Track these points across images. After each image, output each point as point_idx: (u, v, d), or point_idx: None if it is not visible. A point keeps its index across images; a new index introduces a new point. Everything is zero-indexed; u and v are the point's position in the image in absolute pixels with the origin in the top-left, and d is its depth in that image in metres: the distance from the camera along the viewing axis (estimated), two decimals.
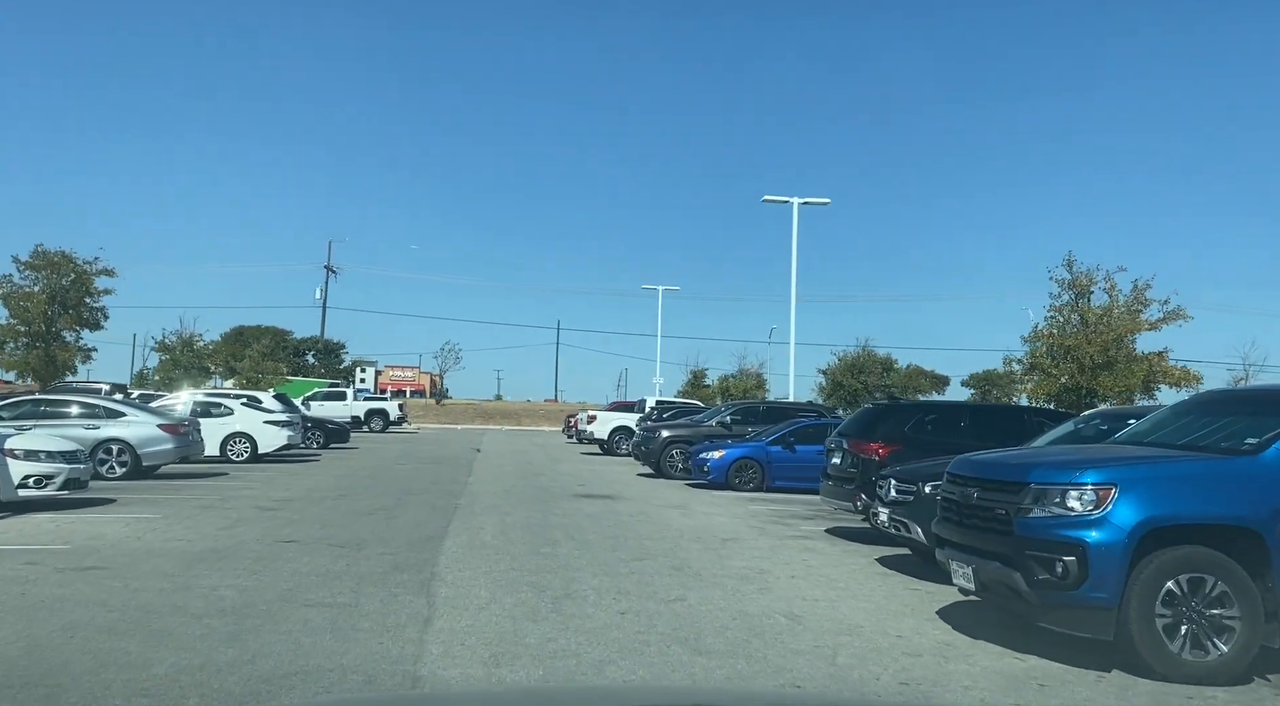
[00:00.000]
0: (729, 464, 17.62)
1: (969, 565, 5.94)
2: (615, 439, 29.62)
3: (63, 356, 31.30)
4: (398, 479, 17.81)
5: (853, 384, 34.20)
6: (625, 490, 17.06)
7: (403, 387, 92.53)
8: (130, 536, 9.58)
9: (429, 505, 13.33)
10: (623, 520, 12.27)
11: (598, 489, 17.11)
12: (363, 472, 19.29)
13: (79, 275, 30.92)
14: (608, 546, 9.90)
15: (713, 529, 11.74)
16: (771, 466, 17.66)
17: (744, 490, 17.44)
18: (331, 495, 14.43)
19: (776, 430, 18.49)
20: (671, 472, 19.89)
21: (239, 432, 21.15)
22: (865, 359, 35.20)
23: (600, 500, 14.89)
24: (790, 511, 14.35)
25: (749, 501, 15.72)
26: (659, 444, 20.00)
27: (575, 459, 26.95)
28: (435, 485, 16.66)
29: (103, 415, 16.09)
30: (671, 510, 13.82)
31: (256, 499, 13.50)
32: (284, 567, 8.06)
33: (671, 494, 16.62)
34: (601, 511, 13.23)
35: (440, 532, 10.53)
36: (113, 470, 15.89)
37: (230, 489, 14.94)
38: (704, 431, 20.22)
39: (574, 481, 18.64)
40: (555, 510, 13.18)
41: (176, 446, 16.45)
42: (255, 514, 11.73)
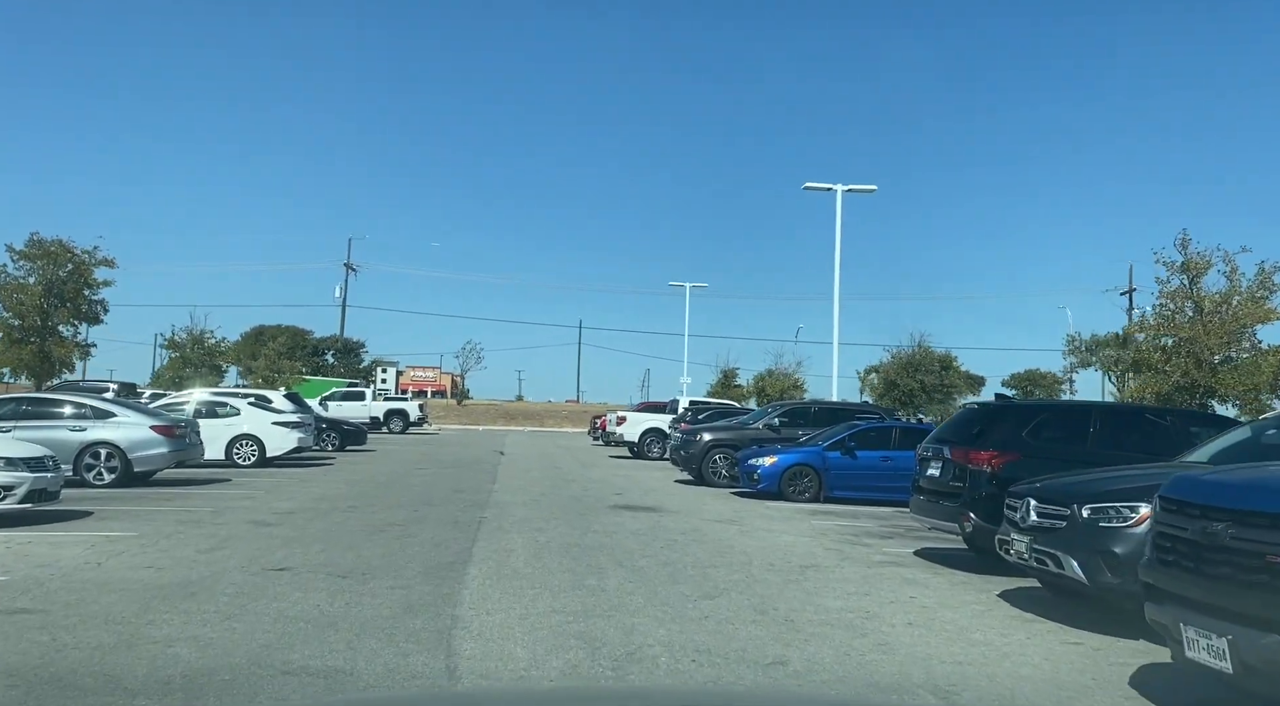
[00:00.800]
0: (782, 471, 15.82)
1: (1221, 635, 4.13)
2: (646, 441, 27.87)
3: (58, 352, 29.63)
4: (416, 486, 16.15)
5: (908, 383, 32.05)
6: (667, 500, 15.30)
7: (424, 388, 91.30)
8: (89, 563, 7.93)
9: (450, 519, 11.64)
10: (674, 540, 10.51)
11: (636, 498, 15.37)
12: (378, 478, 17.66)
13: (77, 266, 29.24)
14: (666, 576, 8.14)
15: (783, 551, 9.95)
16: (829, 474, 15.84)
17: (799, 500, 15.63)
18: (341, 506, 12.77)
19: (833, 433, 16.67)
20: (714, 480, 18.12)
21: (245, 435, 19.59)
22: (921, 356, 33.06)
23: (643, 513, 13.14)
24: (861, 528, 12.53)
25: (809, 515, 13.90)
26: (700, 448, 18.23)
27: (605, 463, 25.23)
28: (457, 494, 14.98)
29: (90, 416, 14.53)
30: (726, 526, 12.04)
31: (254, 511, 11.86)
32: (266, 609, 6.37)
33: (720, 505, 14.84)
34: (647, 528, 11.48)
35: (463, 556, 8.83)
36: (100, 476, 14.33)
37: (227, 498, 13.31)
38: (750, 434, 18.43)
39: (608, 489, 16.91)
40: (594, 525, 11.45)
41: (171, 450, 14.87)
42: (248, 531, 10.07)
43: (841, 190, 28.13)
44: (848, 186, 28.16)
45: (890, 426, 16.84)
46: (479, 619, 6.30)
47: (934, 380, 32.25)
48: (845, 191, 28.17)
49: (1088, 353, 68.86)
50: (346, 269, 64.52)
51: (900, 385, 31.52)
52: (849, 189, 28.19)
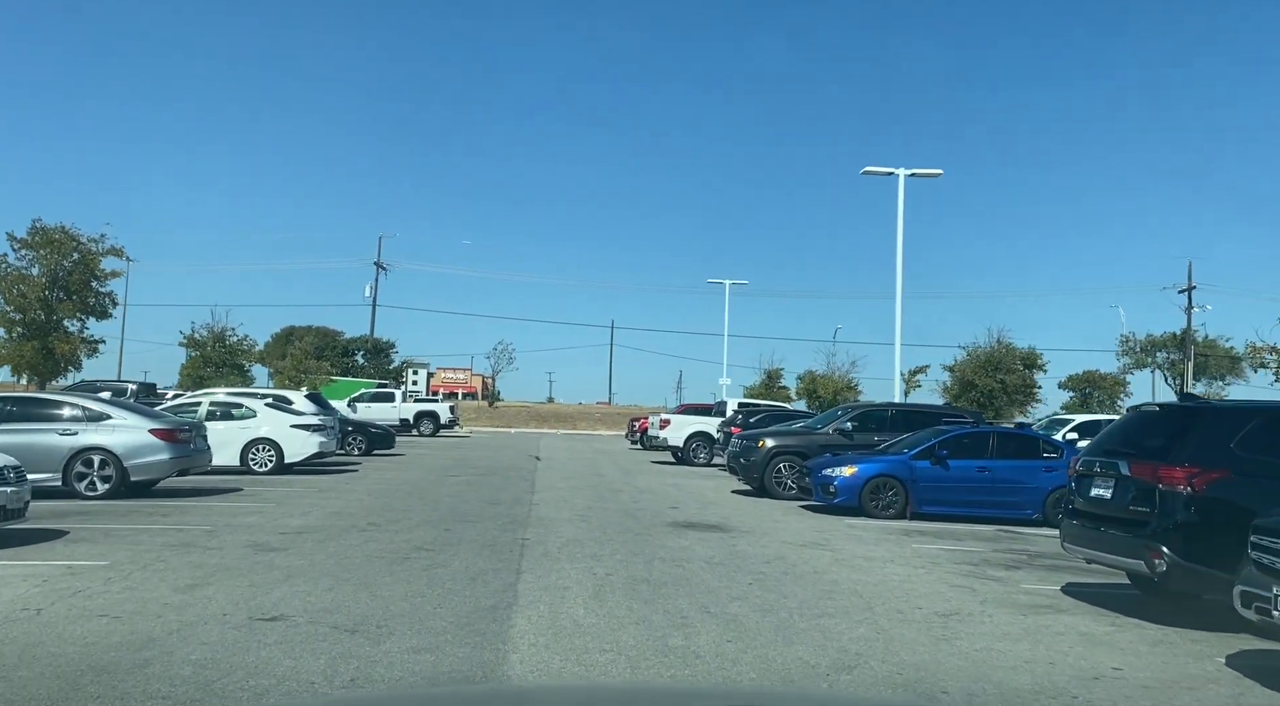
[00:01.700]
0: (863, 483, 13.81)
1: None
2: (692, 446, 25.93)
3: (62, 349, 27.74)
4: (447, 497, 14.36)
5: (988, 383, 29.57)
6: (732, 516, 13.36)
7: (454, 390, 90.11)
8: (25, 609, 6.17)
9: (487, 542, 9.81)
10: (761, 572, 8.58)
11: (696, 513, 13.46)
12: (405, 488, 15.90)
13: (83, 255, 27.28)
14: (772, 631, 6.23)
15: (901, 590, 7.99)
16: (917, 486, 13.82)
17: (882, 516, 13.63)
18: (360, 523, 11.00)
19: (919, 440, 14.63)
20: (778, 491, 16.15)
21: (262, 439, 17.94)
22: (1002, 353, 30.53)
23: (711, 534, 11.23)
24: (974, 553, 10.52)
25: (902, 535, 11.91)
26: (763, 456, 16.28)
27: (649, 470, 23.32)
28: (493, 507, 13.17)
29: (82, 418, 12.90)
30: (815, 552, 10.08)
31: (258, 530, 10.11)
32: (239, 689, 4.56)
33: (795, 523, 12.88)
34: (723, 554, 9.56)
35: (506, 597, 6.98)
36: (93, 487, 12.69)
37: (232, 513, 11.59)
38: (818, 440, 16.44)
39: (662, 501, 15.01)
40: (658, 551, 9.55)
41: (173, 456, 13.20)
42: (245, 559, 8.30)
43: (904, 174, 26.01)
44: (911, 170, 26.05)
45: (986, 431, 14.79)
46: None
47: (1016, 379, 29.71)
48: (908, 176, 26.06)
49: (1143, 353, 65.86)
50: (377, 268, 63.16)
51: (979, 385, 29.11)
52: (912, 173, 26.07)
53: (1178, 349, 65.16)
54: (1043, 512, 13.81)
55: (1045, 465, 14.08)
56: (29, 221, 25.26)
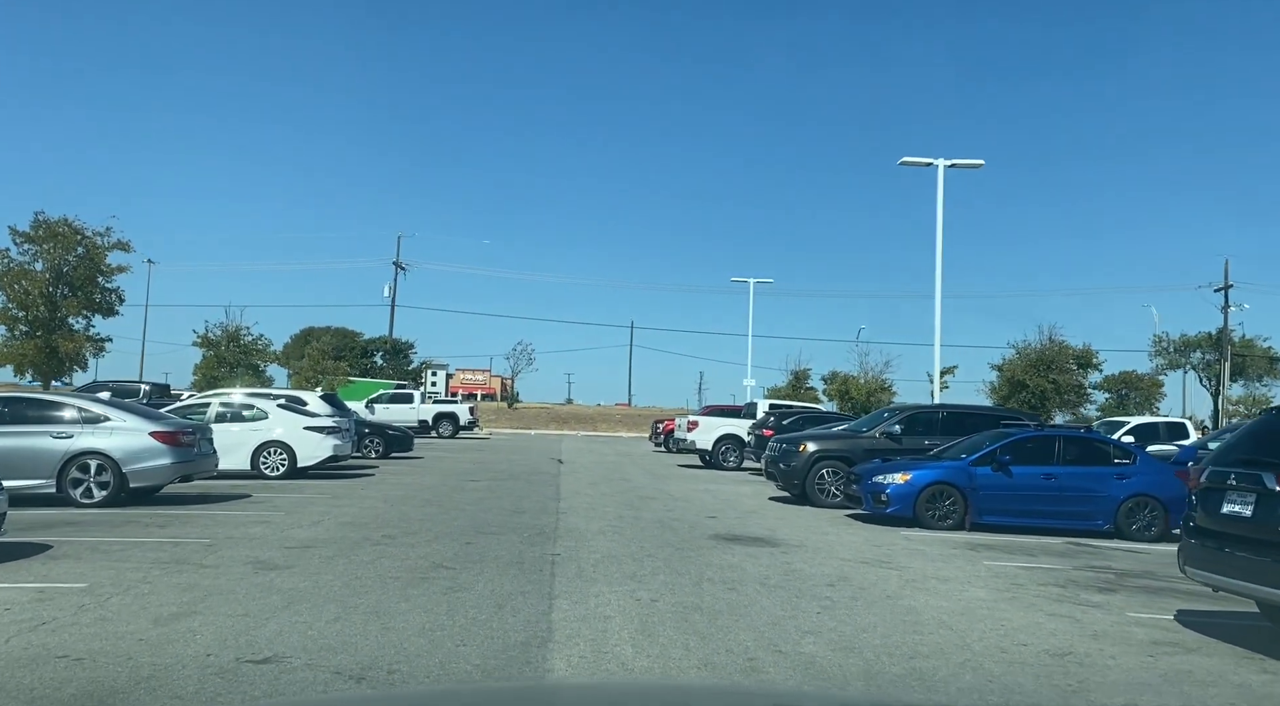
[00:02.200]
0: (919, 491, 12.73)
1: None
2: (721, 449, 24.89)
3: (66, 347, 26.54)
4: (467, 505, 13.40)
5: (1040, 383, 28.19)
6: (777, 527, 12.31)
7: (473, 391, 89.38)
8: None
9: (513, 557, 8.81)
10: (827, 597, 7.53)
11: (736, 523, 12.42)
12: (424, 494, 14.95)
13: (88, 249, 26.04)
14: (859, 677, 5.20)
15: (993, 621, 6.91)
16: (977, 495, 12.72)
17: (939, 528, 12.55)
18: (374, 535, 10.04)
19: (977, 444, 13.53)
20: (821, 498, 15.08)
21: (274, 441, 17.06)
22: (1054, 352, 29.09)
23: (758, 548, 10.19)
24: (1055, 572, 9.42)
25: (968, 549, 10.82)
26: (804, 461, 15.20)
27: (678, 474, 22.30)
28: (517, 516, 12.19)
29: (78, 420, 12.03)
30: (880, 571, 9.02)
31: (262, 544, 9.16)
32: None
33: (848, 535, 11.81)
34: (777, 574, 8.51)
35: (538, 632, 5.97)
36: (89, 494, 11.81)
37: (235, 523, 10.67)
38: (863, 444, 15.36)
39: (697, 510, 13.99)
40: (705, 570, 8.52)
41: (176, 461, 12.31)
42: (242, 580, 7.35)
43: (943, 165, 24.84)
44: (950, 161, 24.87)
45: (1052, 435, 13.64)
46: None
47: (1070, 379, 28.29)
48: (948, 167, 24.89)
49: (1177, 354, 63.98)
50: (396, 268, 62.46)
51: (1030, 385, 27.74)
52: (952, 164, 24.89)
53: (1214, 349, 63.26)
54: (1114, 523, 12.70)
55: (1116, 472, 12.95)
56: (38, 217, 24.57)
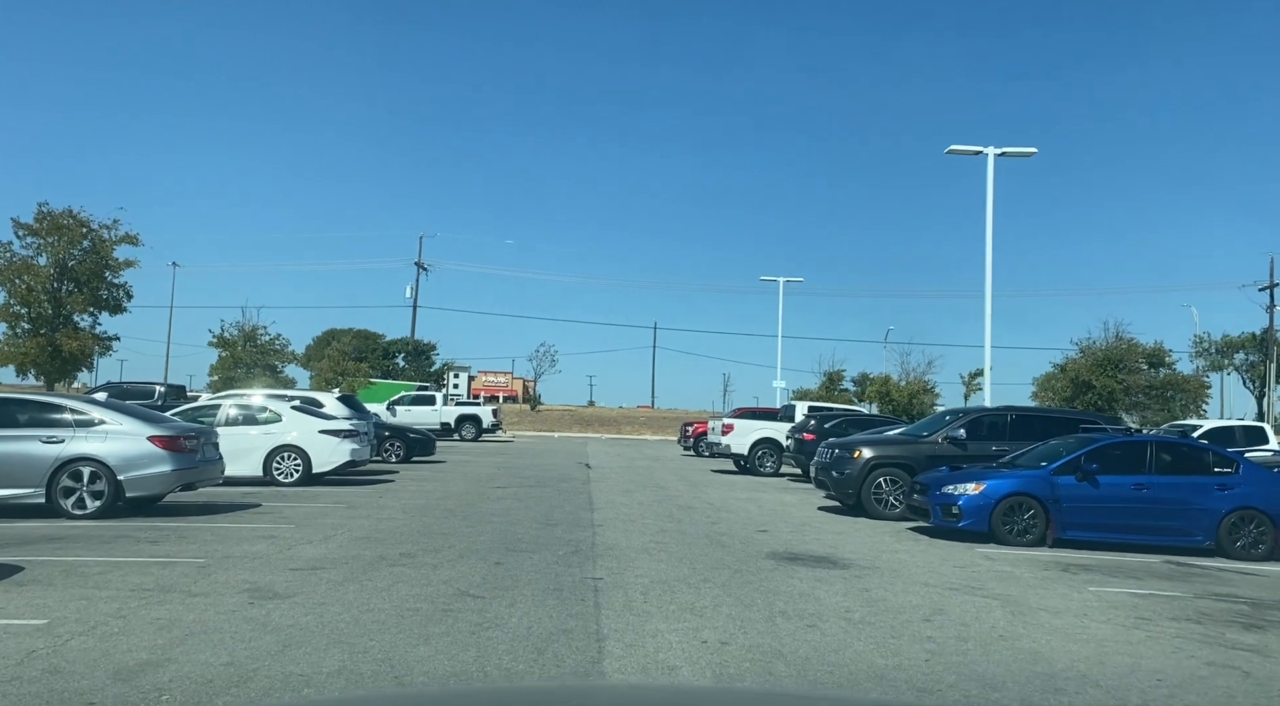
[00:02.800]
0: (994, 503, 11.44)
1: None
2: (758, 454, 23.61)
3: (70, 346, 25.14)
4: (494, 516, 12.26)
5: (1108, 384, 26.53)
6: (839, 543, 11.06)
7: (495, 393, 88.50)
8: None
9: (549, 583, 7.64)
10: (928, 636, 6.29)
11: (793, 539, 11.19)
12: (446, 503, 13.84)
13: (95, 243, 24.62)
14: None
15: (1144, 669, 5.65)
16: (1060, 507, 11.41)
17: (1017, 543, 11.26)
18: (391, 554, 8.91)
19: (1056, 450, 12.22)
20: (879, 509, 13.80)
21: (287, 446, 16.02)
22: (1124, 351, 27.33)
23: (825, 569, 8.95)
24: (1180, 601, 8.11)
25: (1062, 571, 9.52)
26: (860, 468, 13.93)
27: (714, 481, 21.07)
28: (549, 529, 11.03)
29: (70, 423, 11.00)
30: (977, 600, 7.75)
31: (263, 566, 8.05)
32: None
33: (918, 552, 10.55)
34: (858, 604, 7.28)
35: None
36: (81, 504, 10.77)
37: (238, 538, 9.57)
38: (924, 450, 14.06)
39: (745, 522, 12.77)
40: (773, 599, 7.31)
41: (176, 468, 11.24)
42: (233, 613, 6.21)
43: (993, 153, 23.45)
44: (1001, 149, 23.48)
45: (1142, 441, 12.30)
46: None
47: (1139, 380, 26.59)
48: (998, 155, 23.50)
49: (1219, 355, 61.70)
50: (418, 268, 61.66)
51: (1097, 386, 26.11)
52: (1002, 152, 23.49)
53: (1257, 350, 61.00)
54: (1215, 539, 11.35)
55: (1217, 482, 11.60)
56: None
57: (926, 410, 32.93)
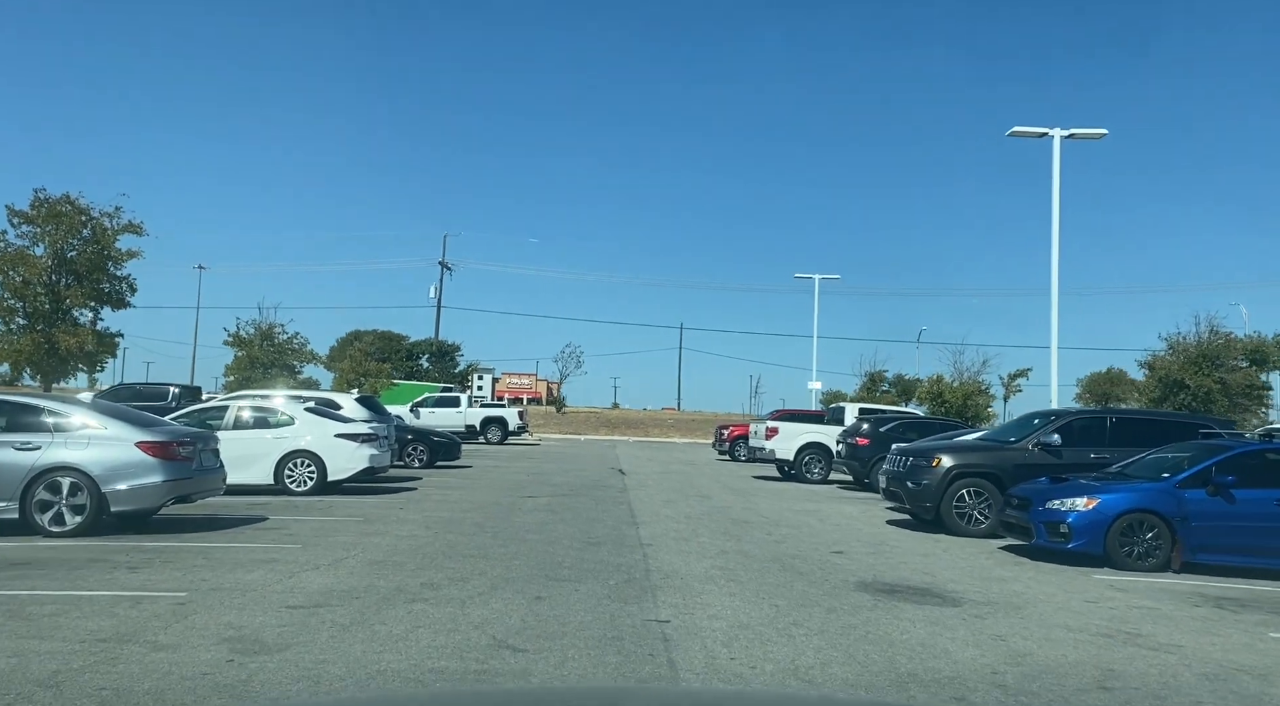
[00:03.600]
0: (1109, 520, 9.82)
1: None
2: (804, 459, 22.01)
3: (67, 343, 23.37)
4: (528, 533, 10.79)
5: (1204, 383, 24.52)
6: (934, 569, 9.47)
7: (519, 395, 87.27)
8: None
9: (605, 632, 6.14)
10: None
11: (878, 563, 9.62)
12: (473, 515, 12.40)
13: (95, 232, 22.93)
14: None
15: None
16: (1189, 526, 9.77)
17: (1140, 568, 9.64)
18: (410, 584, 7.46)
19: (1176, 460, 10.56)
20: (962, 525, 12.20)
21: (301, 451, 14.66)
22: (1221, 346, 25.24)
23: (938, 608, 7.38)
24: None
25: (1215, 607, 7.90)
26: (939, 478, 12.32)
27: (761, 490, 19.53)
28: (593, 550, 9.54)
29: (47, 428, 9.65)
30: (1148, 655, 6.16)
31: (254, 604, 6.61)
32: None
33: (1032, 582, 8.94)
34: (1003, 662, 5.72)
35: None
36: (60, 520, 9.42)
37: (233, 563, 8.14)
38: (1012, 458, 12.43)
39: (813, 540, 11.22)
40: (895, 655, 5.77)
41: (169, 479, 9.85)
42: (197, 682, 4.75)
43: (1060, 135, 21.74)
44: (1068, 131, 21.75)
45: None
46: None
47: (1240, 378, 24.52)
48: (1065, 137, 21.78)
49: None
50: (442, 267, 60.62)
51: (1191, 385, 24.12)
52: (1069, 134, 21.77)
53: None
54: None
55: None
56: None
57: (981, 412, 31.18)
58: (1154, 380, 24.84)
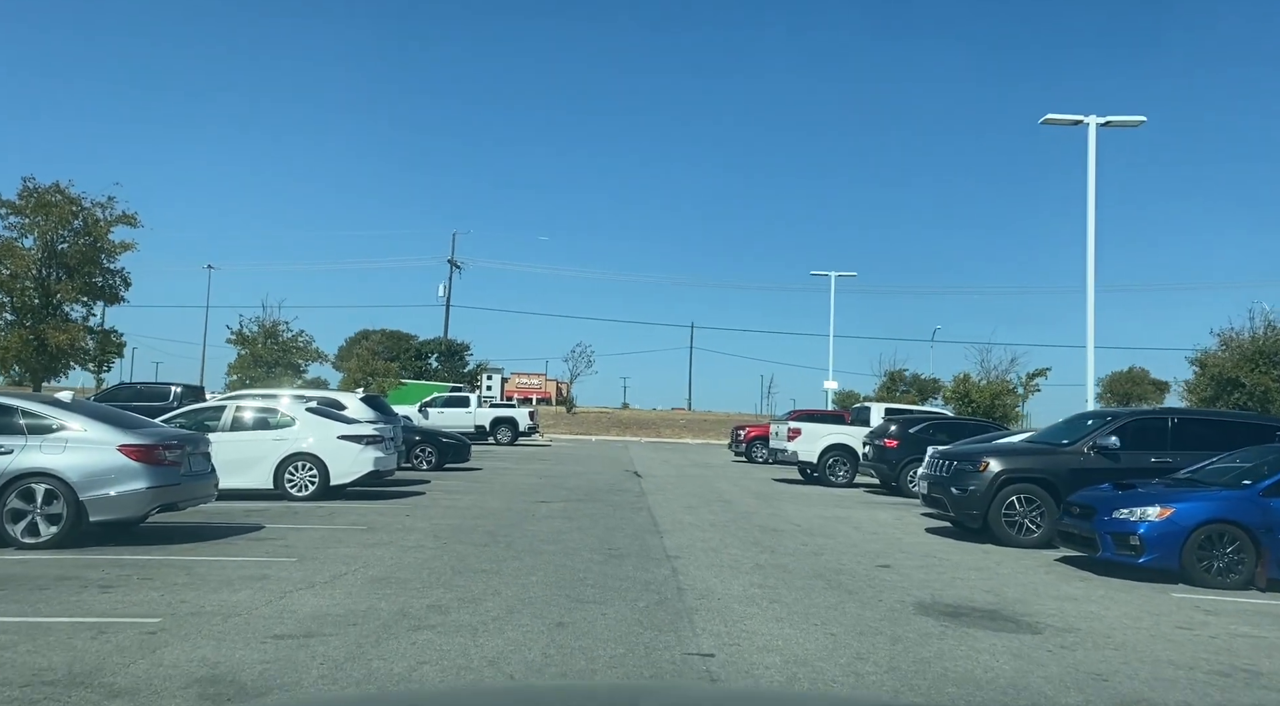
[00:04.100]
0: (1186, 532, 8.89)
1: None
2: (828, 462, 21.10)
3: (57, 339, 22.15)
4: (543, 544, 9.94)
5: (1261, 381, 23.35)
6: (994, 588, 8.57)
7: (529, 395, 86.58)
8: None
9: (639, 664, 5.28)
10: None
11: (929, 579, 8.73)
12: (484, 524, 11.56)
13: (87, 223, 21.85)
14: None
15: None
16: (1276, 538, 8.84)
17: (1221, 585, 8.72)
18: (414, 607, 6.60)
19: (1258, 464, 9.63)
20: (1010, 533, 11.28)
21: (302, 454, 13.84)
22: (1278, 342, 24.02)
23: (1014, 635, 6.48)
24: None
25: None
26: (986, 483, 11.41)
27: (785, 494, 18.64)
28: (616, 564, 8.68)
29: (21, 430, 8.84)
30: (1265, 693, 5.27)
31: (236, 632, 5.76)
32: None
33: (1104, 600, 8.02)
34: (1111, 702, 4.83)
35: None
36: (34, 531, 8.60)
37: (216, 583, 7.30)
38: (1065, 461, 11.51)
39: (853, 551, 10.33)
40: (975, 696, 4.88)
41: (153, 485, 9.02)
42: None
43: (1095, 123, 20.77)
44: (1104, 118, 20.78)
45: None
46: None
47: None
48: (1100, 125, 20.81)
49: None
50: (451, 266, 59.79)
51: (1247, 384, 23.02)
52: (1106, 122, 20.80)
53: None
54: None
55: None
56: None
57: (1010, 412, 30.21)
58: (1206, 378, 23.78)
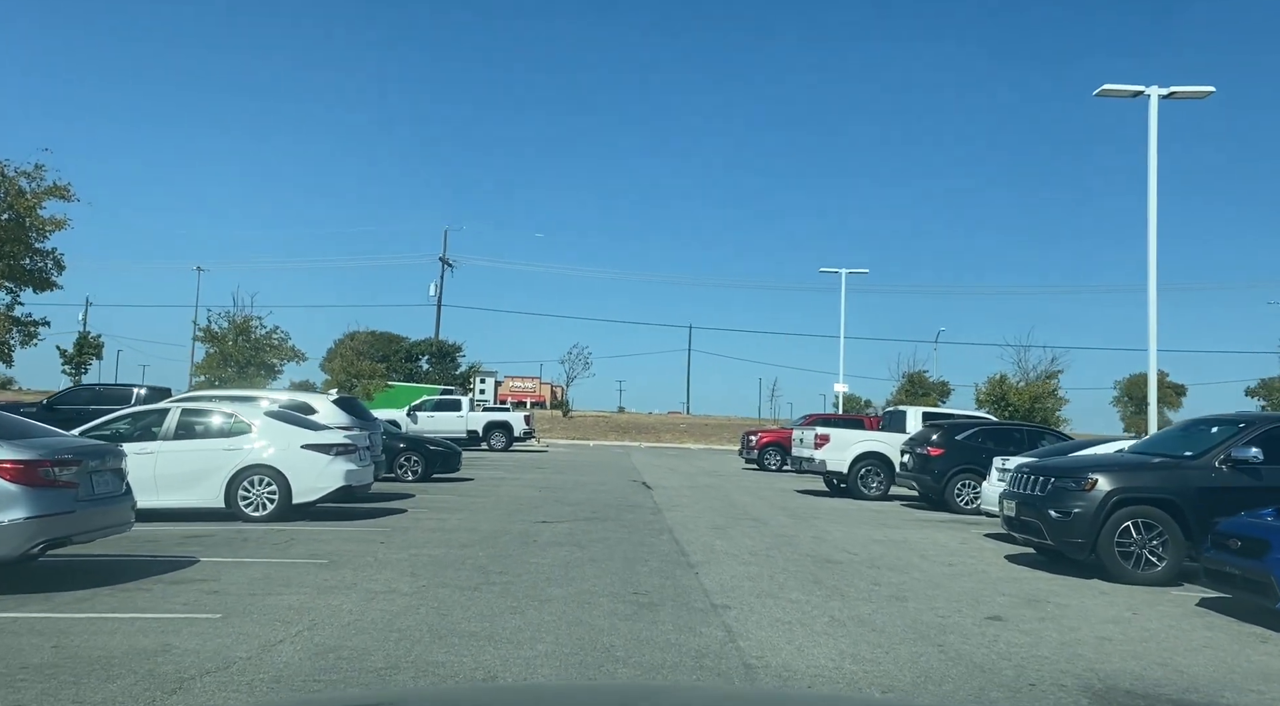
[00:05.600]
0: None
1: None
2: (860, 472, 18.94)
3: None
4: (549, 583, 7.76)
5: None
6: (1146, 649, 6.42)
7: (523, 398, 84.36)
8: None
9: None
10: None
11: (1058, 636, 6.59)
12: (475, 557, 9.36)
13: (9, 195, 18.51)
14: None
15: None
16: None
17: None
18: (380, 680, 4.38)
19: None
20: (1124, 567, 9.13)
21: (258, 466, 11.64)
22: None
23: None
24: None
25: None
26: (1094, 506, 9.24)
27: (814, 509, 16.50)
28: (647, 618, 6.50)
29: None
30: None
31: None
32: None
33: None
34: None
35: None
36: None
37: (89, 665, 5.10)
38: (1192, 478, 9.34)
39: (940, 592, 8.18)
40: None
41: (35, 515, 6.77)
42: None
43: (1158, 95, 18.71)
44: (1168, 90, 18.71)
45: None
46: None
47: None
48: (1163, 97, 18.74)
49: None
50: (443, 264, 57.67)
51: None
52: (1169, 93, 18.72)
53: None
54: None
55: None
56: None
57: (1050, 416, 28.19)
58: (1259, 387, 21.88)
